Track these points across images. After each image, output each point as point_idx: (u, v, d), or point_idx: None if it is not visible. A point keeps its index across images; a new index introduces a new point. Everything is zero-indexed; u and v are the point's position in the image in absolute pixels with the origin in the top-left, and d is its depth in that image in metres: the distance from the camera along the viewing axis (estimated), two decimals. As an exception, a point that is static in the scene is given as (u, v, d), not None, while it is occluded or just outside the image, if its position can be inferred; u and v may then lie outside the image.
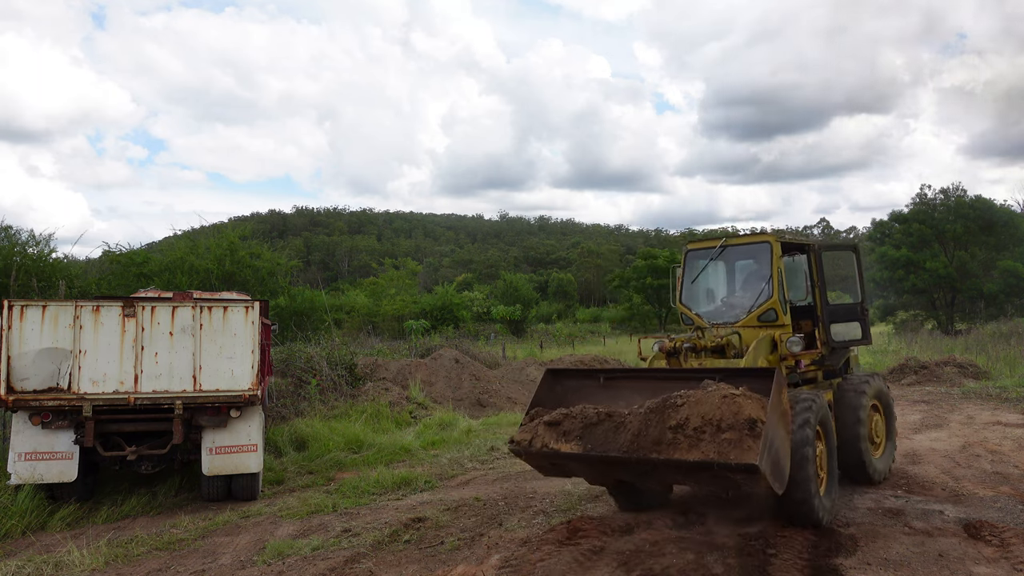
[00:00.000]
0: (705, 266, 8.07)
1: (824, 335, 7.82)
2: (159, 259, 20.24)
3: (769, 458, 5.00)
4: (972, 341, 24.69)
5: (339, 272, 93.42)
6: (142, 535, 6.86)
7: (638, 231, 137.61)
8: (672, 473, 5.47)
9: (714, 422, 5.15)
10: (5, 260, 14.79)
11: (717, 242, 8.03)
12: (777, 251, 7.46)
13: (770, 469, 5.00)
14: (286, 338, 17.85)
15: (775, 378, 5.41)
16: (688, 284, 8.14)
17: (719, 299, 8.16)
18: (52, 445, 7.50)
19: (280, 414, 12.47)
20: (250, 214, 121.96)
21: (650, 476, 5.64)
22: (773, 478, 5.09)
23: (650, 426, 5.37)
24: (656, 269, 57.02)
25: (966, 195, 41.86)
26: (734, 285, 8.24)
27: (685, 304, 8.09)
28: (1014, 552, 5.60)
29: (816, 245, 8.00)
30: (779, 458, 5.26)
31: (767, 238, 7.63)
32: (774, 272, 7.40)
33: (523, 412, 6.57)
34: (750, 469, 4.85)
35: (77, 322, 7.47)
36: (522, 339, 39.85)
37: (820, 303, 7.84)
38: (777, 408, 5.30)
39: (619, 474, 5.87)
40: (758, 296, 7.48)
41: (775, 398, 5.27)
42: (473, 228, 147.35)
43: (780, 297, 7.36)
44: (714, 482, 5.34)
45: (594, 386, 6.57)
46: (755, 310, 7.42)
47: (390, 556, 6.05)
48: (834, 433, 6.91)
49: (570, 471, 6.06)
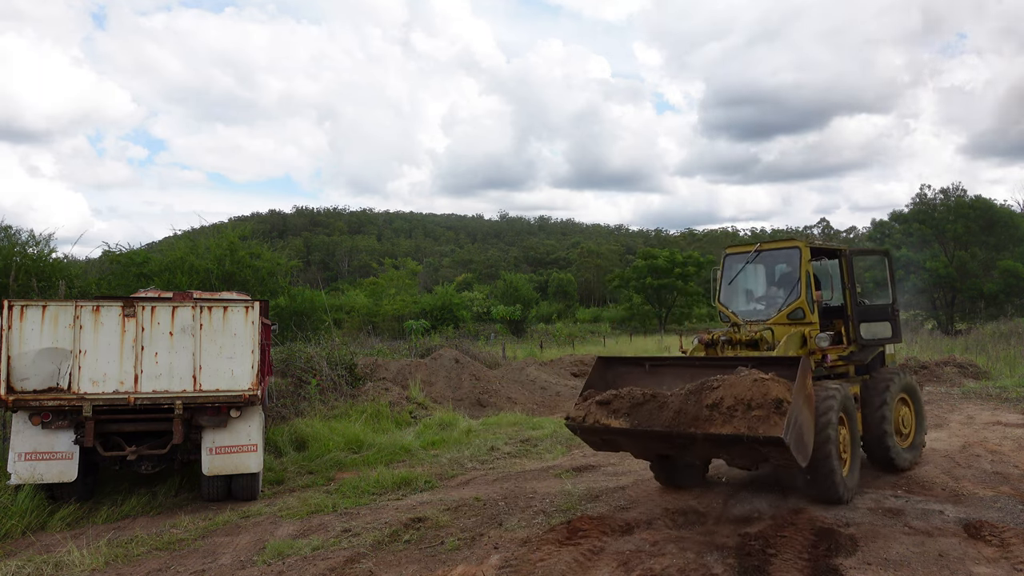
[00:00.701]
0: (741, 268, 8.77)
1: (854, 333, 8.38)
2: (159, 259, 20.24)
3: (793, 433, 5.67)
4: (972, 341, 24.69)
5: (339, 272, 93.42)
6: (142, 535, 6.86)
7: (638, 231, 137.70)
8: (708, 446, 6.09)
9: (745, 401, 5.84)
10: (5, 260, 14.78)
11: (753, 246, 8.73)
12: (806, 255, 8.10)
13: (794, 443, 5.67)
14: (286, 338, 17.85)
15: (801, 365, 6.07)
16: (726, 285, 8.82)
17: (753, 299, 8.85)
18: (52, 445, 7.50)
19: (280, 414, 12.47)
20: (250, 214, 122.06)
21: (689, 449, 6.32)
22: (796, 451, 5.74)
23: (689, 405, 6.08)
24: (656, 269, 57.05)
25: (966, 195, 41.89)
26: (767, 286, 8.92)
27: (723, 303, 8.78)
28: (1014, 552, 5.60)
29: (846, 250, 8.60)
30: (803, 434, 5.92)
31: (797, 244, 8.30)
32: (802, 275, 8.04)
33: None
34: (776, 442, 5.55)
35: (77, 322, 7.46)
36: (522, 339, 39.84)
37: (850, 303, 8.43)
38: (802, 391, 5.95)
39: (661, 448, 6.63)
40: (787, 296, 8.17)
41: (800, 382, 5.92)
42: (473, 228, 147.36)
43: (808, 297, 7.99)
44: (745, 454, 6.02)
45: (640, 372, 7.31)
46: (784, 309, 8.09)
47: (390, 556, 6.05)
48: (858, 422, 7.56)
49: (618, 445, 6.80)
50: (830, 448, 6.66)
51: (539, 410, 16.32)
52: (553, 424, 13.53)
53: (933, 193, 43.21)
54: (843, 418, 7.22)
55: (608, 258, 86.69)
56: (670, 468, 7.92)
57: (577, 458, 10.32)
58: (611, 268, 75.91)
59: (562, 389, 19.07)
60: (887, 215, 44.99)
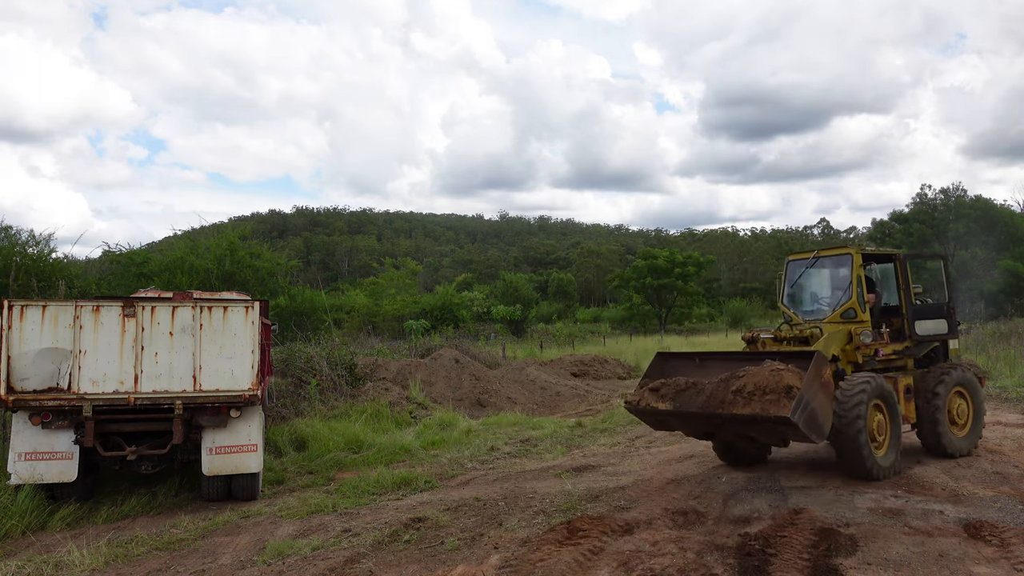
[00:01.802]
0: (802, 273, 9.81)
1: (909, 330, 9.24)
2: (159, 259, 20.26)
3: (803, 414, 6.74)
4: (972, 341, 24.66)
5: (339, 272, 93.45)
6: (142, 535, 6.86)
7: (638, 231, 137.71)
8: (734, 424, 7.30)
9: (762, 388, 7.02)
10: (5, 260, 14.79)
11: (811, 253, 9.81)
12: (858, 261, 9.01)
13: (804, 422, 6.75)
14: (286, 338, 17.86)
15: (814, 359, 7.15)
16: (788, 288, 9.89)
17: (812, 300, 9.85)
18: (52, 445, 7.50)
19: (280, 414, 12.47)
20: (250, 214, 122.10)
21: (721, 427, 7.58)
22: (808, 430, 6.83)
23: (719, 391, 7.33)
24: (656, 269, 57.05)
25: (966, 195, 41.97)
26: (826, 289, 9.82)
27: (785, 304, 9.85)
28: (1014, 552, 5.60)
29: (900, 254, 9.58)
30: (816, 416, 6.96)
31: (849, 250, 9.24)
32: (854, 278, 8.92)
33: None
34: (785, 421, 6.68)
35: (77, 322, 7.46)
36: (522, 339, 39.82)
37: (905, 303, 9.31)
38: (816, 380, 7.01)
39: (699, 426, 7.87)
40: (841, 298, 9.08)
41: (812, 372, 7.00)
42: (473, 228, 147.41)
43: (859, 299, 8.89)
44: (765, 432, 7.25)
45: (691, 365, 8.52)
46: (838, 309, 8.98)
47: (390, 556, 6.05)
48: (900, 409, 8.33)
49: (669, 425, 8.21)
50: (858, 430, 7.53)
51: (539, 410, 16.32)
52: (553, 424, 13.54)
53: (933, 193, 43.30)
54: (880, 405, 8.02)
55: (608, 258, 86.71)
56: (730, 449, 8.98)
57: (577, 458, 10.32)
58: (611, 268, 75.93)
59: (562, 389, 19.07)
60: (887, 215, 45.06)
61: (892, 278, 9.60)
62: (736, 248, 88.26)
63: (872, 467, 7.74)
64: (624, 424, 13.49)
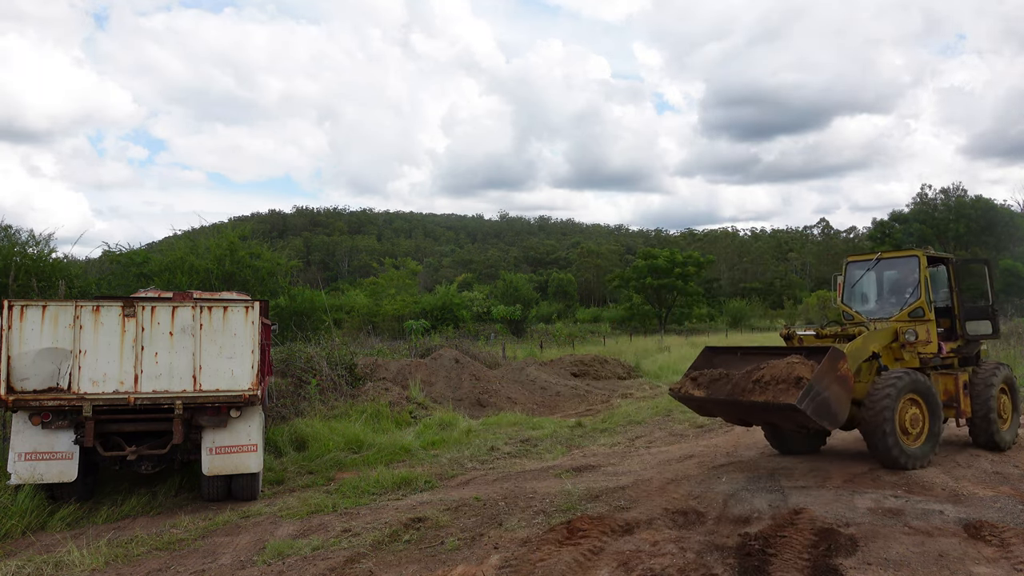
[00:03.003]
0: (864, 274, 10.23)
1: (961, 330, 9.75)
2: (159, 259, 20.25)
3: (812, 403, 7.26)
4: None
5: (339, 272, 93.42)
6: (142, 535, 6.85)
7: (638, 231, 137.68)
8: (751, 410, 8.02)
9: (777, 378, 7.67)
10: (5, 260, 14.78)
11: (872, 255, 10.29)
12: (924, 263, 9.45)
13: (813, 410, 7.26)
14: (286, 338, 17.85)
15: (828, 353, 7.66)
16: (848, 288, 10.32)
17: (875, 300, 10.28)
18: (52, 445, 7.49)
19: (280, 414, 12.47)
20: (250, 214, 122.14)
21: (747, 413, 8.29)
22: (819, 417, 7.34)
23: (743, 381, 8.00)
24: (656, 269, 57.06)
25: (966, 195, 41.96)
26: (885, 290, 10.25)
27: (846, 303, 10.28)
28: (1014, 552, 5.60)
29: (954, 259, 10.02)
30: (828, 405, 7.45)
31: (916, 253, 9.72)
32: (922, 279, 9.37)
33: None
34: (791, 408, 7.25)
35: (77, 322, 7.46)
36: (522, 339, 39.79)
37: (957, 304, 9.82)
38: (829, 372, 7.52)
39: (729, 412, 8.51)
40: (909, 297, 9.53)
41: (824, 365, 7.51)
42: (473, 228, 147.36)
43: (927, 298, 9.35)
44: (780, 418, 7.91)
45: (734, 358, 9.07)
46: (906, 308, 9.44)
47: (390, 556, 6.04)
48: (938, 402, 8.68)
49: (708, 411, 8.94)
50: (884, 420, 8.09)
51: (539, 410, 16.32)
52: (553, 424, 13.53)
53: (934, 193, 43.29)
54: (916, 400, 8.51)
55: (608, 258, 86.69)
56: (781, 437, 9.67)
57: (577, 458, 10.32)
58: (611, 268, 75.92)
59: (562, 389, 19.06)
60: (887, 215, 45.06)
61: (942, 281, 10.04)
62: (736, 248, 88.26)
63: (899, 456, 8.20)
64: (624, 424, 13.49)
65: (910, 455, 8.31)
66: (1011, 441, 9.78)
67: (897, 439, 8.21)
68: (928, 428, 8.59)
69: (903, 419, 8.37)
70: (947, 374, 9.46)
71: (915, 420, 8.49)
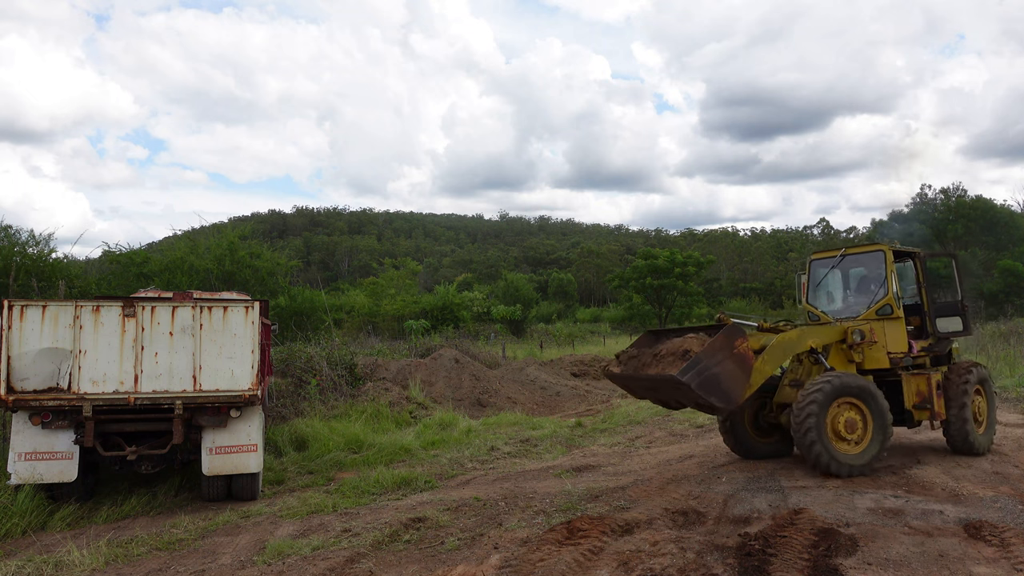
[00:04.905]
0: (828, 272, 9.70)
1: (931, 327, 9.37)
2: (159, 259, 20.24)
3: (698, 377, 7.17)
4: (972, 341, 24.66)
5: (339, 272, 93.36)
6: (142, 535, 6.85)
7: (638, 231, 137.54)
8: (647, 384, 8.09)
9: (672, 352, 7.82)
10: (5, 260, 14.76)
11: (837, 251, 9.66)
12: (890, 257, 9.00)
13: (698, 384, 7.17)
14: (286, 338, 17.84)
15: (723, 329, 7.63)
16: (812, 287, 9.83)
17: (840, 298, 9.81)
18: (52, 445, 7.49)
19: (280, 414, 12.47)
20: (250, 214, 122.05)
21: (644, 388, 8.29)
22: (705, 392, 7.23)
23: (646, 357, 8.21)
24: (656, 269, 57.02)
25: (966, 195, 41.95)
26: (851, 287, 9.76)
27: (811, 304, 9.81)
28: (1014, 552, 5.59)
29: (920, 253, 9.57)
30: (718, 381, 7.32)
31: (882, 247, 9.23)
32: (888, 274, 8.95)
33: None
34: (673, 379, 7.23)
35: (77, 322, 7.46)
36: (522, 339, 39.83)
37: (926, 301, 9.42)
38: (722, 349, 7.41)
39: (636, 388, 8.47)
40: (876, 294, 9.08)
41: (716, 340, 7.44)
42: (473, 228, 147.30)
43: (895, 295, 8.92)
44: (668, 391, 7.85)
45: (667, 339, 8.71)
46: (874, 305, 9.02)
47: (390, 556, 6.04)
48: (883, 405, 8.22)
49: (626, 388, 8.82)
50: (809, 423, 7.81)
51: (539, 410, 16.32)
52: (553, 424, 13.53)
53: (933, 193, 43.29)
54: (853, 403, 8.13)
55: (608, 258, 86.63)
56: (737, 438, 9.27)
57: (577, 458, 10.32)
58: (611, 268, 75.87)
59: (562, 389, 19.06)
60: (887, 215, 45.07)
61: (910, 276, 9.64)
62: (736, 248, 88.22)
63: (830, 463, 7.87)
64: (624, 424, 13.50)
65: (843, 462, 7.92)
66: (988, 445, 9.29)
67: (826, 446, 7.86)
68: (870, 434, 8.15)
69: (837, 424, 8.01)
70: (919, 374, 8.93)
71: (852, 425, 8.08)
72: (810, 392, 7.97)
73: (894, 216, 43.79)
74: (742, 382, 7.53)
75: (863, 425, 8.16)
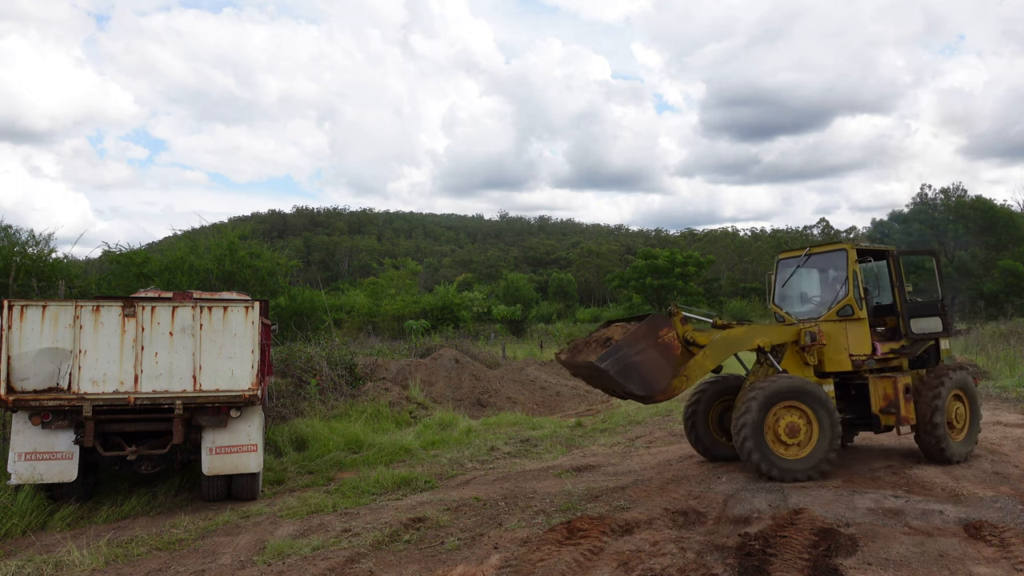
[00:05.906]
0: (793, 272, 9.49)
1: (905, 328, 8.99)
2: (159, 259, 20.24)
3: (616, 364, 7.36)
4: (972, 341, 24.66)
5: (339, 272, 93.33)
6: (142, 535, 6.86)
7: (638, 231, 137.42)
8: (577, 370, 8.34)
9: (598, 340, 8.07)
10: (5, 260, 14.76)
11: (802, 251, 9.45)
12: (852, 256, 8.73)
13: (617, 371, 7.36)
14: (286, 338, 17.84)
15: (646, 319, 7.87)
16: (779, 288, 9.60)
17: (805, 300, 9.57)
18: (52, 445, 7.50)
19: (280, 414, 12.47)
20: (250, 214, 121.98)
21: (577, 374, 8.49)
22: (624, 380, 7.41)
23: (583, 344, 8.44)
24: (656, 269, 57.03)
25: (966, 195, 41.94)
26: (817, 287, 9.56)
27: (777, 305, 9.60)
28: (1014, 552, 5.60)
29: (894, 251, 9.29)
30: (638, 369, 7.51)
31: (843, 245, 9.00)
32: (850, 274, 8.68)
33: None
34: (591, 366, 7.49)
35: (77, 322, 7.46)
36: (522, 339, 39.81)
37: (899, 300, 9.08)
38: (644, 338, 7.63)
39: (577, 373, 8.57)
40: (837, 295, 8.83)
41: (637, 330, 7.67)
42: (473, 228, 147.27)
43: (855, 295, 8.60)
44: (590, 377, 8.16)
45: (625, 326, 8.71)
46: (834, 307, 8.76)
47: (390, 556, 6.04)
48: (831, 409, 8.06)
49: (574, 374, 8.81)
50: (745, 431, 7.80)
51: (539, 410, 16.32)
52: (553, 424, 13.53)
53: (933, 193, 43.29)
54: (796, 406, 8.00)
55: (608, 258, 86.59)
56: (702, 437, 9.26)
57: (577, 458, 10.32)
58: (611, 268, 75.85)
59: (562, 389, 19.06)
60: (887, 215, 45.08)
61: (885, 275, 9.37)
62: (736, 248, 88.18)
63: (770, 469, 7.82)
64: (624, 424, 13.50)
65: (785, 468, 7.82)
66: (965, 454, 8.89)
67: (764, 452, 7.77)
68: (815, 437, 7.99)
69: (777, 429, 7.90)
70: (886, 377, 8.66)
71: (793, 429, 7.95)
72: (746, 398, 7.90)
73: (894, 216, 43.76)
74: (666, 372, 7.60)
75: (807, 428, 8.01)
